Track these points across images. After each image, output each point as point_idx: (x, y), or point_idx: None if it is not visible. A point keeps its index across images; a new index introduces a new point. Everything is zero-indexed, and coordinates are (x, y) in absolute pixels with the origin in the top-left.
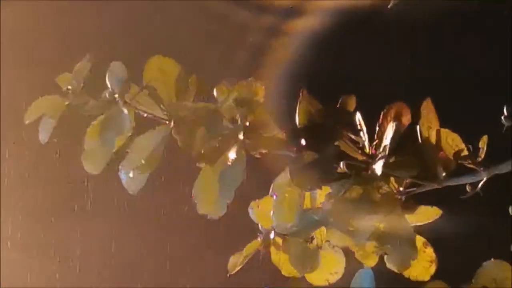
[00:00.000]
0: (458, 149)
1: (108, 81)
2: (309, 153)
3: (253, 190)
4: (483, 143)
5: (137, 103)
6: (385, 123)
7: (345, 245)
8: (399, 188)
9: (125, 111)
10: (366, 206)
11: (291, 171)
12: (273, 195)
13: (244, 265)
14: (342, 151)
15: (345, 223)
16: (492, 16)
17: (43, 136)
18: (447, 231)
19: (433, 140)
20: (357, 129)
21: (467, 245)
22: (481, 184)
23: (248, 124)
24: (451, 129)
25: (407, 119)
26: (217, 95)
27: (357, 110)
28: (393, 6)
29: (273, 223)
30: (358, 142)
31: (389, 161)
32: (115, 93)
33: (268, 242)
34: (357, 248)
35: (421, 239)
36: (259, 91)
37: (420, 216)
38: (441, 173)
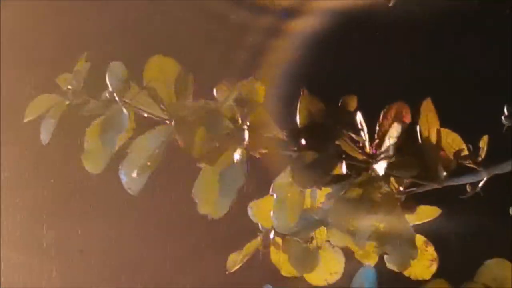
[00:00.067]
0: (458, 149)
1: (108, 81)
2: (310, 152)
3: (253, 190)
4: (483, 143)
5: (137, 103)
6: (386, 123)
7: (345, 245)
8: (399, 188)
9: (125, 111)
10: (366, 206)
11: (292, 171)
12: (273, 195)
13: (243, 264)
14: (343, 150)
15: (345, 223)
16: (492, 16)
17: (45, 136)
18: (448, 231)
19: (433, 140)
20: (357, 128)
21: (468, 244)
22: (482, 184)
23: (248, 124)
24: (451, 129)
25: (407, 119)
26: (217, 95)
27: (357, 109)
28: (393, 5)
29: (273, 223)
30: (358, 141)
31: (389, 161)
32: (115, 93)
33: (267, 241)
34: (357, 248)
35: (421, 238)
36: (260, 91)
37: (419, 215)
38: (442, 173)
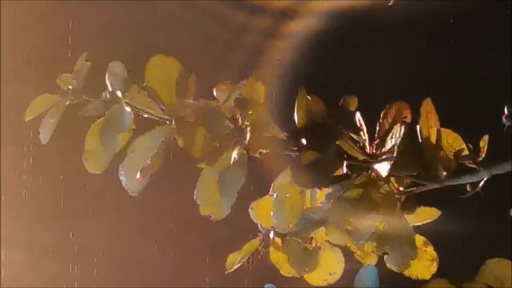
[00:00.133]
0: (458, 148)
1: (108, 81)
2: (310, 152)
3: (253, 190)
4: (483, 142)
5: (137, 103)
6: (386, 123)
7: (345, 245)
8: (399, 188)
9: (125, 111)
10: (366, 206)
11: (292, 171)
12: (272, 194)
13: (243, 264)
14: (343, 150)
15: (345, 223)
16: (492, 16)
17: (44, 136)
18: (449, 230)
19: (433, 139)
20: (357, 128)
21: (468, 244)
22: (482, 183)
23: (248, 124)
24: (452, 129)
25: (407, 119)
26: (217, 95)
27: (357, 109)
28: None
29: (273, 223)
30: (358, 141)
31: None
32: (115, 93)
33: (267, 242)
34: (357, 248)
35: (421, 238)
36: (260, 91)
37: (419, 216)
38: (442, 173)
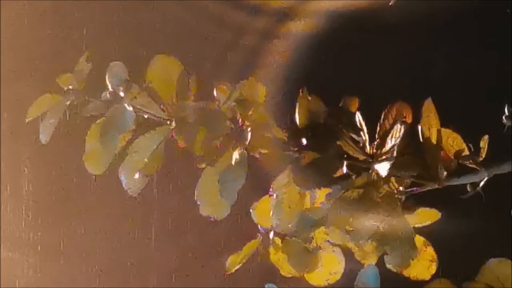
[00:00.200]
0: (459, 149)
1: (108, 81)
2: (311, 153)
3: (253, 190)
4: (484, 143)
5: (137, 104)
6: (386, 123)
7: (345, 245)
8: (399, 188)
9: (127, 111)
10: (366, 206)
11: (292, 171)
12: (272, 195)
13: (243, 264)
14: (344, 151)
15: (345, 223)
16: (492, 16)
17: (44, 136)
18: (450, 230)
19: (434, 140)
20: (357, 128)
21: (469, 244)
22: (482, 184)
23: (248, 124)
24: (452, 129)
25: (408, 119)
26: (218, 95)
27: (357, 110)
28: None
29: (273, 223)
30: (359, 142)
31: (392, 162)
32: (115, 93)
33: (267, 242)
34: (357, 248)
35: (421, 238)
36: (260, 91)
37: (419, 217)
38: (442, 173)
